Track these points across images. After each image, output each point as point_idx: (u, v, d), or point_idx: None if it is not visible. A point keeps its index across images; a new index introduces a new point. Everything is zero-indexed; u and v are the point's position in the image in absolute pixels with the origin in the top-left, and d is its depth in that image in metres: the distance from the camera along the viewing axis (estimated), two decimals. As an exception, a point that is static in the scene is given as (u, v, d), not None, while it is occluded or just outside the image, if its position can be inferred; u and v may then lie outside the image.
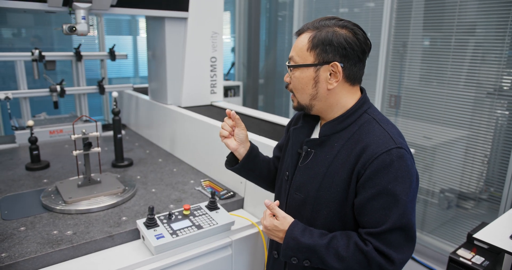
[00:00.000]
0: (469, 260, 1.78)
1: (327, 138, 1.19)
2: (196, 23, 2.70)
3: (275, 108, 5.08)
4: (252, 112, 2.63)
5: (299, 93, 1.20)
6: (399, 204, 1.05)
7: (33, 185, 2.04)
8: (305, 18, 4.23)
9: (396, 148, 1.07)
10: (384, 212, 1.06)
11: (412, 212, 1.09)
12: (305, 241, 1.12)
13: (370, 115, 1.17)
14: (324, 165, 1.17)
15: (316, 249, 1.10)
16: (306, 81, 1.16)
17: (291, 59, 1.18)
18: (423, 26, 3.01)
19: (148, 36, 2.90)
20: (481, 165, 2.77)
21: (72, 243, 1.47)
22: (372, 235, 1.08)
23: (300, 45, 1.15)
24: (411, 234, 1.08)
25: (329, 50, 1.11)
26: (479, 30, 2.69)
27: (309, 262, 1.12)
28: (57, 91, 2.83)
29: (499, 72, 2.61)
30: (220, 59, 2.90)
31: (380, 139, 1.10)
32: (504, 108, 2.63)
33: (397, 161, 1.06)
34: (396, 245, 1.07)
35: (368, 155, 1.08)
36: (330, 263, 1.09)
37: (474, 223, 2.84)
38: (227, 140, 1.37)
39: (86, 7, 2.16)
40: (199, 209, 1.70)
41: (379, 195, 1.06)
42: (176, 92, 2.80)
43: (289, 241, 1.14)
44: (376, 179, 1.06)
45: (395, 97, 3.28)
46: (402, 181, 1.06)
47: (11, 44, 3.61)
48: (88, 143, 1.88)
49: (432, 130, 3.02)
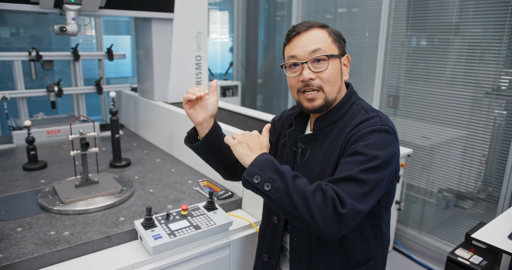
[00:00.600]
0: (467, 260, 1.79)
1: (321, 131, 1.23)
2: (181, 24, 2.84)
3: (274, 107, 5.08)
4: (250, 112, 2.63)
5: (331, 86, 1.19)
6: (367, 162, 1.06)
7: (30, 185, 2.03)
8: (304, 18, 4.22)
9: (381, 124, 1.13)
10: (350, 166, 1.08)
11: (377, 174, 1.07)
12: (277, 164, 1.10)
13: (359, 105, 1.24)
14: (320, 155, 1.21)
15: (284, 174, 1.06)
16: (337, 72, 1.20)
17: (318, 50, 1.16)
18: (421, 26, 3.02)
19: (137, 36, 3.03)
20: (479, 164, 2.77)
21: (69, 244, 1.46)
22: (331, 181, 1.08)
23: (321, 38, 1.18)
24: (367, 192, 1.06)
25: (343, 44, 1.24)
26: (477, 29, 2.69)
27: (270, 186, 1.06)
28: (55, 91, 2.82)
29: (497, 72, 2.61)
30: (205, 58, 3.04)
31: (368, 120, 1.15)
32: (502, 108, 2.64)
33: (378, 132, 1.11)
34: (351, 194, 1.04)
35: (355, 131, 1.14)
36: (291, 193, 1.03)
37: (472, 222, 2.84)
38: (192, 111, 1.31)
39: (76, 9, 2.25)
40: (197, 210, 1.69)
41: (353, 154, 1.10)
42: (163, 88, 2.94)
43: (260, 157, 1.12)
44: (355, 143, 1.11)
45: (393, 97, 3.28)
46: (378, 148, 1.08)
47: (9, 44, 3.59)
48: (85, 143, 1.87)
49: (430, 130, 3.02)
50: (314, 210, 1.01)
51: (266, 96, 5.15)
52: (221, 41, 5.23)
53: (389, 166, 1.11)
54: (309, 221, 1.01)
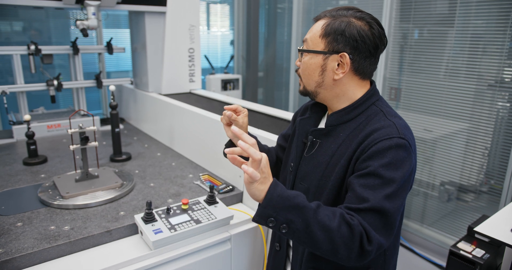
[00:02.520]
0: (469, 253, 1.78)
1: (333, 128, 1.17)
2: (174, 17, 2.92)
3: (275, 101, 5.05)
4: (251, 105, 2.61)
5: (305, 78, 1.19)
6: (386, 187, 1.01)
7: (31, 180, 2.02)
8: (305, 10, 4.19)
9: (398, 137, 1.05)
10: (368, 190, 1.02)
11: (397, 201, 1.03)
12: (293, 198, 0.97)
13: (378, 107, 1.16)
14: (328, 154, 1.16)
15: (304, 210, 0.96)
16: (313, 67, 1.15)
17: (305, 42, 1.18)
18: (424, 18, 2.98)
19: (131, 29, 3.14)
20: (482, 157, 2.75)
21: (69, 239, 1.46)
22: (352, 210, 1.01)
23: (314, 30, 1.15)
24: (390, 222, 1.02)
25: (340, 40, 1.10)
26: (480, 21, 2.66)
27: (287, 228, 0.97)
28: (54, 85, 2.80)
29: (500, 64, 2.58)
30: (198, 50, 3.12)
31: (384, 128, 1.07)
32: (505, 100, 2.61)
33: (395, 148, 1.03)
34: (375, 227, 1.00)
35: (369, 141, 1.06)
36: (313, 233, 0.95)
37: (474, 216, 2.83)
38: (226, 127, 1.39)
39: (96, 5, 2.47)
40: (198, 204, 1.69)
41: (368, 175, 1.03)
42: (157, 80, 3.04)
43: (272, 196, 0.97)
44: (370, 161, 1.04)
45: (395, 90, 3.25)
46: (395, 168, 1.02)
47: (8, 38, 3.57)
48: (85, 137, 1.86)
49: (432, 122, 3.00)
50: (339, 247, 0.97)
51: (267, 89, 5.12)
52: (221, 34, 5.19)
53: (406, 188, 1.07)
54: (332, 255, 0.99)
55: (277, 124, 2.13)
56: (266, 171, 0.99)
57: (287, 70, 4.72)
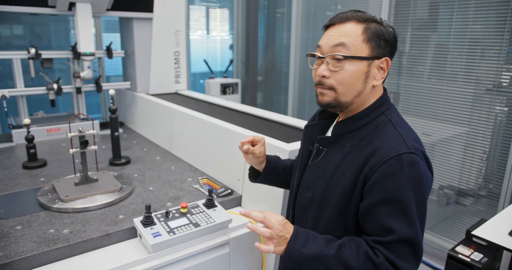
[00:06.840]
0: (467, 256, 1.78)
1: (340, 136, 1.13)
2: (160, 22, 3.15)
3: (274, 105, 5.07)
4: (250, 109, 2.62)
5: (344, 89, 1.06)
6: (407, 213, 0.98)
7: (30, 183, 2.03)
8: (304, 15, 4.21)
9: (408, 153, 0.99)
10: (390, 220, 0.99)
11: (419, 223, 1.01)
12: (311, 251, 1.03)
13: (387, 117, 1.10)
14: (333, 164, 1.11)
15: (323, 259, 1.01)
16: (358, 75, 1.05)
17: (341, 46, 1.04)
18: (422, 23, 3.00)
19: (122, 34, 3.39)
20: (480, 161, 2.76)
21: (68, 242, 1.46)
22: (379, 244, 1.00)
23: (352, 34, 1.04)
24: (417, 247, 1.00)
25: (382, 45, 1.06)
26: (478, 26, 2.68)
27: None
28: (54, 89, 2.81)
29: (498, 68, 2.60)
30: (183, 53, 3.37)
31: (392, 142, 1.02)
32: (503, 105, 2.63)
33: (408, 167, 0.98)
34: (404, 257, 0.99)
35: (377, 158, 1.01)
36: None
37: (473, 219, 2.84)
38: (245, 155, 1.38)
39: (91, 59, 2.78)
40: (197, 207, 1.69)
41: (386, 202, 0.99)
42: (145, 81, 3.26)
43: (292, 253, 1.04)
44: (384, 184, 0.99)
45: (393, 94, 3.27)
46: (411, 189, 0.98)
47: (8, 42, 3.58)
48: (84, 141, 1.86)
49: (431, 126, 3.01)
50: None
51: (266, 93, 5.14)
52: (221, 39, 5.22)
53: (425, 205, 1.03)
54: None
55: (277, 129, 2.14)
56: (280, 234, 1.07)
57: (286, 74, 4.74)
